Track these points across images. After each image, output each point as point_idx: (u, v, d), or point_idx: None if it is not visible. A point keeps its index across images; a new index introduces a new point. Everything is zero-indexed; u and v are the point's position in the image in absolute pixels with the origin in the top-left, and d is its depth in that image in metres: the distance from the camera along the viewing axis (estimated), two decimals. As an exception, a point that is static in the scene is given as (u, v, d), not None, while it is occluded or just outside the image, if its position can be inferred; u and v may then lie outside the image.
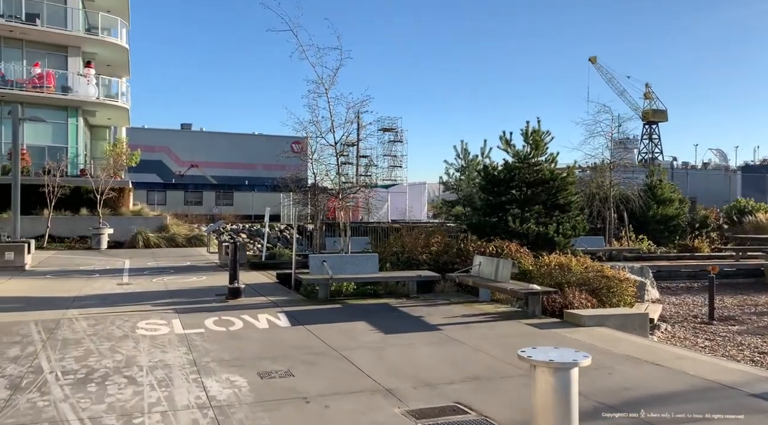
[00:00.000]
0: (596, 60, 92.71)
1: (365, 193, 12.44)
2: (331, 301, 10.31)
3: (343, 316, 9.07)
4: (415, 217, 35.33)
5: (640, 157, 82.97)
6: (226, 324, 8.37)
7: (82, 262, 17.02)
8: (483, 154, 18.29)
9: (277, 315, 9.01)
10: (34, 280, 13.09)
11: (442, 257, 12.03)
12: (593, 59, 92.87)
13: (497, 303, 10.21)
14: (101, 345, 7.05)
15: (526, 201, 13.78)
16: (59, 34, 27.74)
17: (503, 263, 9.77)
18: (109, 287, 12.13)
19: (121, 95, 30.71)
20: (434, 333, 7.90)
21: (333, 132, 11.42)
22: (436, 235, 12.67)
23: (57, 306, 9.63)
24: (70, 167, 27.93)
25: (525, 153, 14.02)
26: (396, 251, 12.24)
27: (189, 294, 11.19)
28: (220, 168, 48.33)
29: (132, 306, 9.76)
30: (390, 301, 10.37)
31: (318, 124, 11.31)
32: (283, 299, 10.59)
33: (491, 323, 8.59)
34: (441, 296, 10.96)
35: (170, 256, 19.59)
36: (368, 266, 10.65)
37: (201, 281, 13.20)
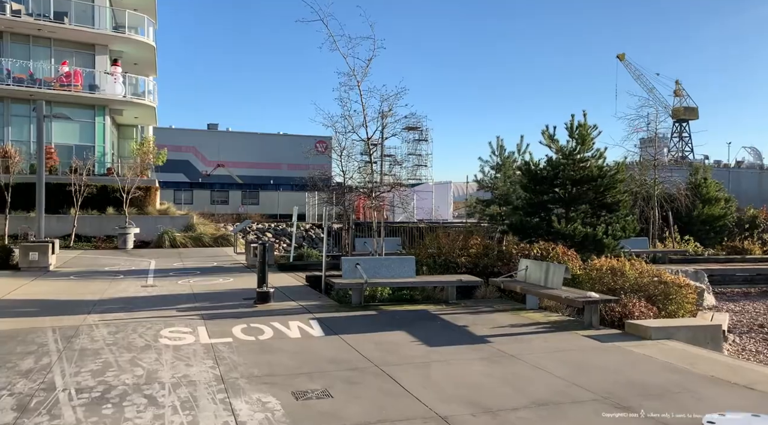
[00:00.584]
0: (624, 57, 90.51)
1: (399, 191, 11.75)
2: (365, 307, 9.62)
3: (379, 325, 8.36)
4: (441, 217, 34.51)
5: (670, 156, 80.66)
6: (256, 332, 7.73)
7: (107, 262, 16.66)
8: (520, 151, 17.43)
9: (309, 323, 8.35)
10: (57, 282, 12.69)
11: (482, 260, 11.24)
12: (621, 56, 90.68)
13: (546, 311, 9.39)
14: (121, 356, 6.46)
15: (571, 200, 12.89)
16: (87, 33, 27.66)
17: (555, 268, 8.94)
18: (133, 290, 11.64)
19: (148, 94, 30.53)
20: (483, 346, 7.13)
21: (365, 127, 10.75)
22: (475, 236, 11.88)
23: (77, 311, 9.13)
24: (97, 166, 27.84)
25: (570, 149, 13.13)
26: (432, 253, 11.49)
27: (215, 298, 10.62)
28: (246, 168, 48.58)
29: (155, 311, 9.21)
30: (428, 308, 9.63)
31: (350, 118, 10.65)
32: (314, 304, 9.93)
33: (544, 334, 7.78)
34: (483, 302, 10.18)
35: (196, 256, 19.17)
36: (404, 270, 9.93)
37: (228, 284, 12.65)
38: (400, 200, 11.92)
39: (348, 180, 16.73)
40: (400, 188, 10.85)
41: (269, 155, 48.61)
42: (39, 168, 14.40)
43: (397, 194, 11.73)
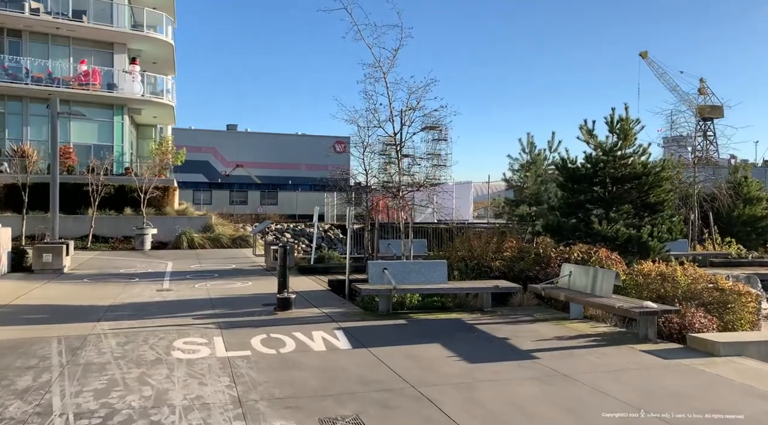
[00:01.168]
0: (647, 55, 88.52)
1: (428, 191, 11.02)
2: (393, 315, 8.90)
3: (411, 336, 7.63)
4: (462, 217, 33.65)
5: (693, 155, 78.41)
6: (276, 344, 7.05)
7: (122, 264, 16.18)
8: (551, 148, 16.54)
9: (335, 333, 7.65)
10: (70, 285, 12.18)
11: (517, 264, 10.45)
12: (644, 54, 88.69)
13: (592, 321, 8.57)
14: (129, 372, 5.82)
15: (611, 200, 12.02)
16: (105, 31, 27.38)
17: (603, 274, 8.12)
18: (147, 294, 11.07)
19: (167, 93, 30.17)
20: (530, 363, 6.36)
21: (392, 121, 10.03)
22: (510, 238, 11.08)
23: (87, 318, 8.55)
24: (115, 166, 27.53)
25: (611, 144, 12.25)
26: (463, 256, 10.73)
27: (233, 304, 9.99)
28: (264, 168, 48.56)
29: (170, 319, 8.59)
30: (462, 316, 8.88)
31: (375, 112, 9.94)
32: (338, 311, 9.24)
33: (597, 349, 6.98)
34: (521, 310, 9.39)
35: (214, 258, 18.63)
36: (436, 275, 9.18)
37: (246, 288, 12.02)
38: (429, 200, 11.19)
39: (371, 179, 16.06)
40: (430, 186, 10.09)
41: (287, 156, 48.59)
42: (53, 167, 13.95)
43: (427, 193, 11.00)
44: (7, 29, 26.23)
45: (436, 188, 11.01)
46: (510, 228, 16.45)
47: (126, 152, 29.04)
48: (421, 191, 10.86)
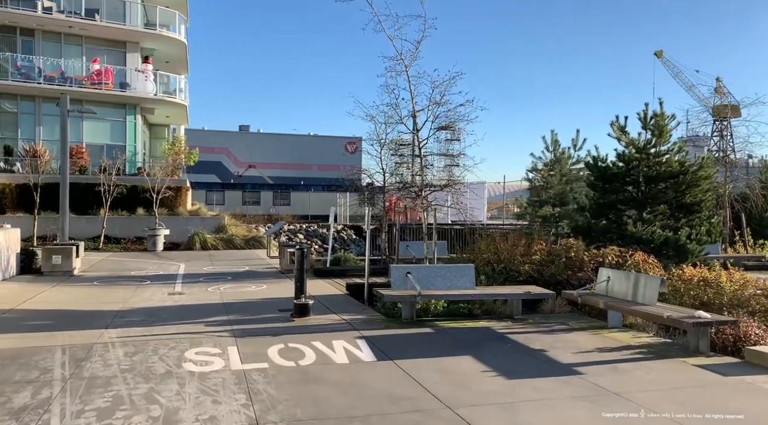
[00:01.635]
0: (662, 54, 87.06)
1: (452, 191, 10.47)
2: (417, 323, 8.35)
3: (439, 347, 7.09)
4: (476, 218, 33.00)
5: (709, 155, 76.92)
6: (295, 355, 6.54)
7: (134, 266, 15.79)
8: (576, 146, 15.93)
9: (357, 343, 7.13)
10: (79, 288, 11.77)
11: (548, 268, 9.86)
12: (659, 53, 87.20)
13: (633, 331, 7.97)
14: (136, 387, 5.34)
15: (645, 200, 11.38)
16: (118, 29, 27.12)
17: (647, 280, 7.52)
18: (158, 298, 10.63)
19: (180, 92, 29.87)
20: (574, 378, 5.78)
21: (414, 117, 9.47)
22: (539, 241, 10.49)
23: (95, 325, 8.10)
24: (128, 166, 27.28)
25: (644, 141, 11.61)
26: (488, 259, 10.16)
27: (248, 309, 9.50)
28: (277, 169, 48.62)
29: (181, 326, 8.12)
30: (492, 325, 8.31)
31: (396, 107, 9.40)
32: (358, 318, 8.71)
33: (644, 363, 6.38)
34: (553, 318, 8.80)
35: (228, 259, 18.20)
36: (463, 280, 8.62)
37: (261, 292, 11.55)
38: (455, 201, 10.62)
39: (388, 178, 15.54)
40: (455, 185, 9.52)
41: (299, 156, 48.64)
42: (63, 167, 13.58)
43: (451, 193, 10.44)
44: (20, 28, 26.05)
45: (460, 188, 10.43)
46: (533, 229, 15.83)
47: (139, 152, 28.77)
48: (444, 191, 10.30)
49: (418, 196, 9.62)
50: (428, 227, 9.66)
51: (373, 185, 18.71)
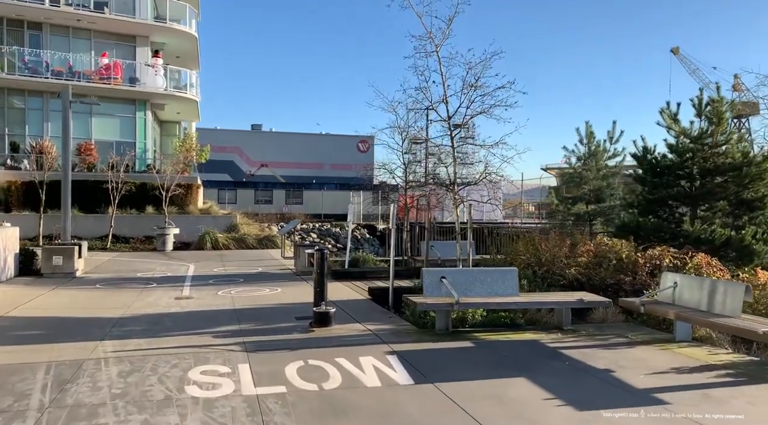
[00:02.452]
0: (679, 51, 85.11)
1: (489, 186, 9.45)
2: (454, 335, 7.33)
3: (484, 365, 6.06)
4: (492, 217, 31.91)
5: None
6: (318, 375, 5.55)
7: (141, 267, 14.91)
8: (612, 139, 14.80)
9: (388, 360, 6.12)
10: (79, 291, 10.89)
11: (597, 272, 8.79)
12: (675, 50, 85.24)
13: (706, 345, 6.89)
14: (127, 420, 4.38)
15: (699, 195, 10.26)
16: (127, 23, 26.36)
17: (728, 287, 6.43)
18: (164, 303, 9.71)
19: (190, 87, 29.05)
20: (660, 410, 4.73)
21: (446, 102, 8.45)
22: (586, 241, 9.42)
23: (89, 335, 7.17)
24: (138, 163, 26.54)
25: (699, 131, 10.48)
26: (528, 261, 9.11)
27: (262, 317, 8.54)
28: (289, 168, 48.47)
29: (186, 337, 7.17)
30: (539, 337, 7.26)
31: (426, 91, 8.37)
32: (385, 328, 7.71)
33: (740, 389, 5.31)
34: (608, 329, 7.74)
35: (240, 260, 17.29)
36: (505, 286, 7.59)
37: (275, 296, 10.59)
38: (492, 196, 9.60)
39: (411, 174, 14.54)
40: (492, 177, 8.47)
41: (311, 155, 48.41)
42: (64, 161, 12.74)
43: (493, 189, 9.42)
44: (27, 22, 25.39)
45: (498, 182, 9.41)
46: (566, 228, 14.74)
47: (149, 149, 28.02)
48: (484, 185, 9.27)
49: (450, 190, 8.60)
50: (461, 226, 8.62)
51: (386, 183, 17.75)
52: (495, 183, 9.48)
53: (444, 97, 8.55)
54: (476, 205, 22.19)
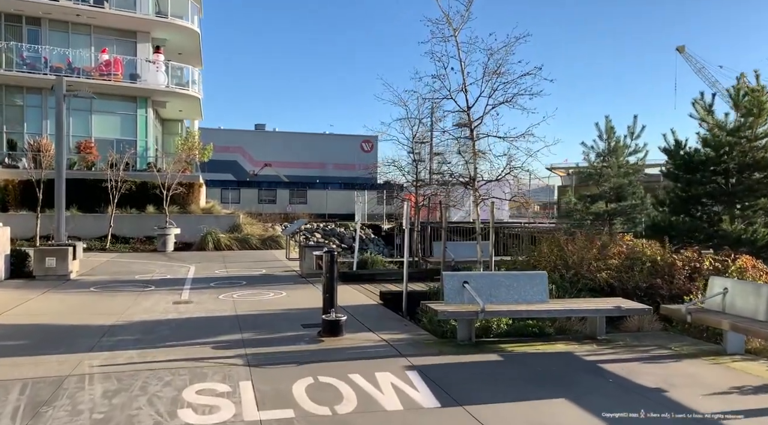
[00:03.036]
0: (684, 49, 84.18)
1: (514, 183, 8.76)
2: (478, 346, 6.63)
3: (517, 383, 5.36)
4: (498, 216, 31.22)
5: None
6: (330, 396, 4.87)
7: (139, 269, 14.26)
8: (633, 134, 14.07)
9: (408, 377, 5.43)
10: (71, 295, 10.24)
11: (631, 276, 8.08)
12: (681, 49, 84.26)
13: (760, 358, 6.17)
14: (107, 455, 3.70)
15: (739, 192, 9.54)
16: (128, 18, 25.74)
17: (792, 294, 5.72)
18: (161, 309, 9.05)
19: (193, 84, 28.40)
20: (734, 441, 4.03)
21: (465, 91, 7.77)
22: (617, 242, 8.71)
23: (77, 346, 6.51)
24: (139, 162, 25.93)
25: (737, 123, 9.76)
26: (554, 263, 8.41)
27: (266, 324, 7.87)
28: (292, 168, 48.42)
29: (183, 348, 6.50)
30: (573, 349, 6.56)
31: (445, 78, 7.67)
32: (401, 338, 7.01)
33: (817, 413, 4.60)
34: (646, 339, 7.03)
35: (242, 261, 16.63)
36: (533, 291, 6.88)
37: (280, 301, 9.91)
38: (518, 194, 8.92)
39: (422, 171, 13.88)
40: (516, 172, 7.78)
41: (315, 155, 48.22)
42: (58, 160, 12.10)
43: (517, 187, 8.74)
44: (26, 17, 24.81)
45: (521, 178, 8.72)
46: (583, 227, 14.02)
47: (150, 147, 27.38)
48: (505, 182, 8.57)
49: (470, 187, 7.90)
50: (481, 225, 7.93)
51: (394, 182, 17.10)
52: (519, 179, 8.80)
53: (463, 85, 7.87)
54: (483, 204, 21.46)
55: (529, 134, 7.63)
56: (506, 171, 7.76)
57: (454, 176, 7.97)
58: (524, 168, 8.05)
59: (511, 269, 8.89)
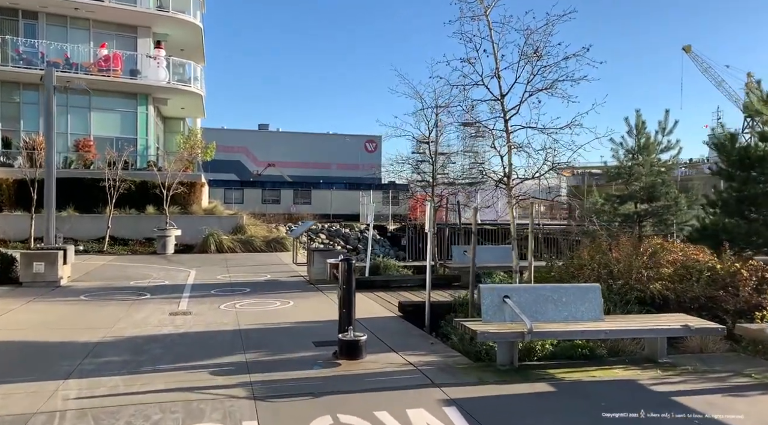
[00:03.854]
0: (691, 49, 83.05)
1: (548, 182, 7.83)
2: (522, 372, 5.66)
3: (581, 423, 4.40)
4: (504, 218, 30.30)
5: None
6: (354, 444, 3.92)
7: (136, 273, 13.33)
8: (664, 130, 13.09)
9: (446, 414, 4.49)
10: (58, 305, 9.31)
11: (688, 287, 7.10)
12: (687, 48, 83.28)
13: None
14: None
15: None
16: (128, 11, 24.84)
17: None
18: (156, 321, 8.12)
19: (195, 80, 27.48)
20: None
21: (498, 76, 6.83)
22: (665, 250, 7.72)
23: (52, 370, 5.58)
24: (139, 160, 25.04)
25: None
26: (598, 272, 7.45)
27: (273, 342, 6.92)
28: (295, 168, 48.17)
29: (177, 374, 5.56)
30: (635, 375, 5.59)
31: (476, 61, 6.72)
32: (431, 361, 6.05)
33: None
34: (715, 362, 6.05)
35: (246, 265, 15.70)
36: (585, 307, 5.92)
37: (288, 312, 8.97)
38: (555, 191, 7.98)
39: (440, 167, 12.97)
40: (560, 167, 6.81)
41: (318, 155, 47.87)
42: (47, 157, 11.20)
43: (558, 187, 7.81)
44: (23, 11, 23.94)
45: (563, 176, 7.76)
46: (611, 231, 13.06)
47: (151, 146, 26.47)
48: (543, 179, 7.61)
49: (503, 185, 6.95)
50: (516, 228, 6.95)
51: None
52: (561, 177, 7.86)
53: (496, 70, 6.92)
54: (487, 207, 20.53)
55: (575, 124, 6.68)
56: (548, 167, 6.81)
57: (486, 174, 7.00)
58: (568, 164, 7.12)
59: (546, 278, 7.92)
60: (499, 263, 11.62)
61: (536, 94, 6.87)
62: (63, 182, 20.18)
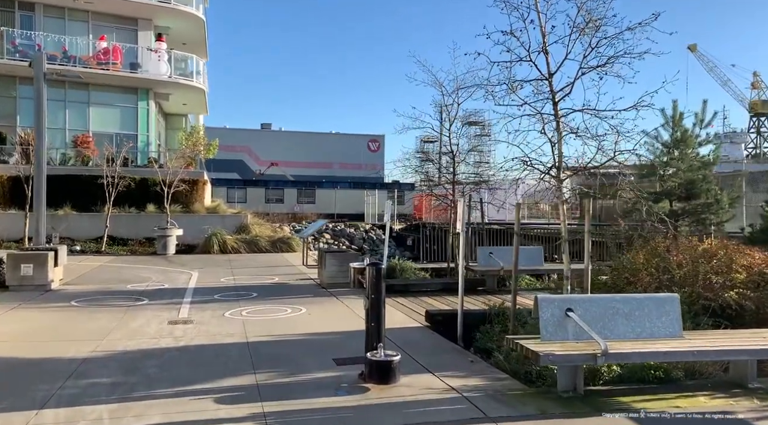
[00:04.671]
0: (696, 48, 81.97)
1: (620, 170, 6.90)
2: (589, 400, 4.70)
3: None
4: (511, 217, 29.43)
5: (746, 152, 72.28)
6: None
7: (134, 276, 12.40)
8: (702, 123, 12.14)
9: (515, 463, 3.52)
10: (45, 313, 8.38)
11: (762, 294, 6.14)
12: (693, 47, 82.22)
13: None
14: None
15: None
16: (128, 3, 23.90)
17: None
18: (152, 331, 7.19)
19: (197, 75, 26.56)
20: None
21: (545, 52, 5.88)
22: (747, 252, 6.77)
23: (27, 396, 4.65)
24: (140, 157, 24.14)
25: None
26: (658, 279, 6.49)
27: (286, 358, 5.99)
28: (299, 167, 46.97)
29: (174, 401, 4.63)
30: (726, 405, 4.63)
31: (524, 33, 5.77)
32: (475, 385, 5.10)
33: None
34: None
35: (251, 266, 14.77)
36: (662, 322, 4.96)
37: (301, 321, 8.02)
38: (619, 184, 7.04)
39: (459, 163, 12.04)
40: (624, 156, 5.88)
41: (321, 155, 47.40)
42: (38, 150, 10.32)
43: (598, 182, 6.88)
44: (19, 2, 23.04)
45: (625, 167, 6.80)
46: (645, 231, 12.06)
47: (152, 142, 25.55)
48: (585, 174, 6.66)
49: (552, 178, 6.02)
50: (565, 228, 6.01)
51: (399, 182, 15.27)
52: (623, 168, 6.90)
53: (543, 45, 5.99)
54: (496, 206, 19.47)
55: (643, 106, 5.73)
56: (607, 157, 5.86)
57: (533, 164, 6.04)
58: (634, 152, 6.18)
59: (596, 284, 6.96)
60: (525, 266, 10.69)
61: (589, 73, 5.91)
62: (60, 179, 19.35)
